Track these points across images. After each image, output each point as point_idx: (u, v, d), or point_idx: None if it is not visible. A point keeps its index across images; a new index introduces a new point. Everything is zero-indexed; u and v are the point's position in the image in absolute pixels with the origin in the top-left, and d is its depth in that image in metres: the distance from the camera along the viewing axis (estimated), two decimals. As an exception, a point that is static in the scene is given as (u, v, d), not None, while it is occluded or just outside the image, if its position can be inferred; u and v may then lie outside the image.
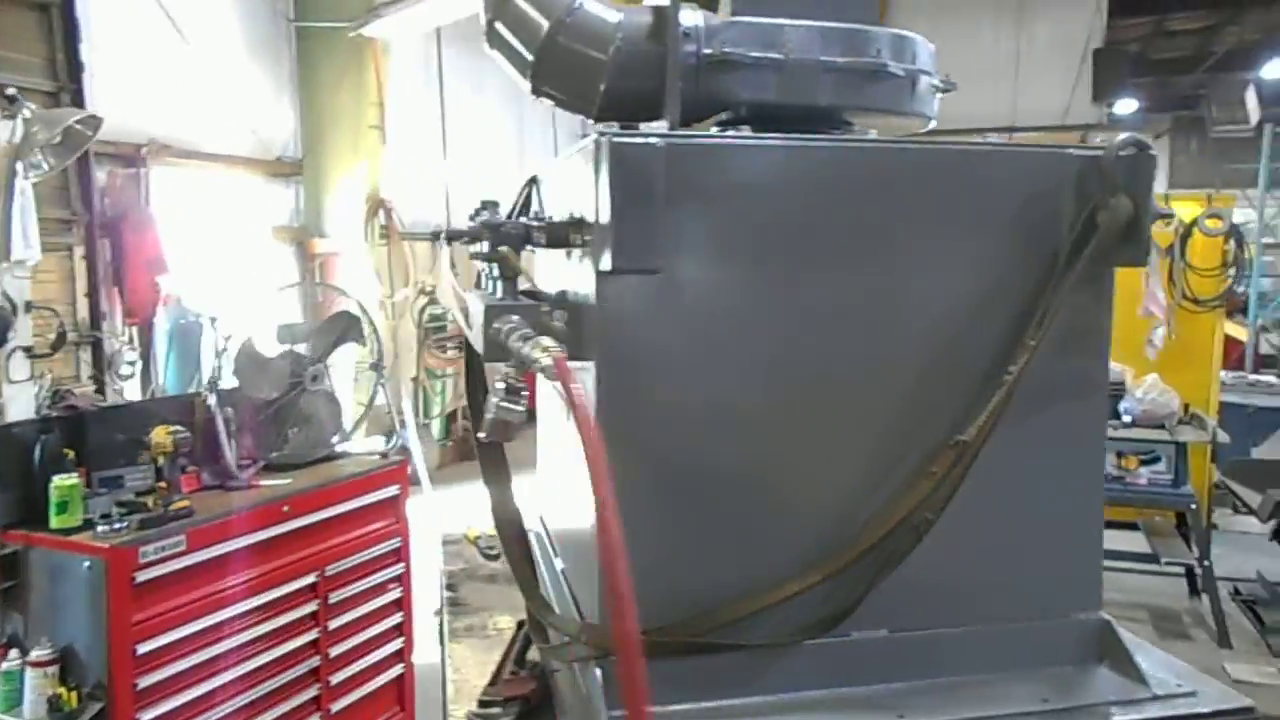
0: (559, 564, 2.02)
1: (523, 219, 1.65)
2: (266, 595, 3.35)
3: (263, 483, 3.48)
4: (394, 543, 3.95)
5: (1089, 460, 1.76)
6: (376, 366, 3.87)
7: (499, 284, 1.67)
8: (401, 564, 4.01)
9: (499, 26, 1.69)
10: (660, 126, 1.68)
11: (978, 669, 1.70)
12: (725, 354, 1.58)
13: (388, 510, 3.93)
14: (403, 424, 4.06)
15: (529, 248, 1.71)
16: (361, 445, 4.07)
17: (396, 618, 4.01)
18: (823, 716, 1.58)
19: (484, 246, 1.72)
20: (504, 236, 1.63)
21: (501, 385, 1.28)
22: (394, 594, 3.98)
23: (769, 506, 1.62)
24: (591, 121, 1.85)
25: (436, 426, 8.59)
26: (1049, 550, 1.74)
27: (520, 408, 1.26)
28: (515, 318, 1.57)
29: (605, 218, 1.46)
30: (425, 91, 9.64)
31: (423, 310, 7.86)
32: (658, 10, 1.64)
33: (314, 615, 3.56)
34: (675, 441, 1.59)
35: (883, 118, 1.79)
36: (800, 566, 1.61)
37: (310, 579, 3.52)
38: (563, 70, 1.67)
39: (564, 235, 1.63)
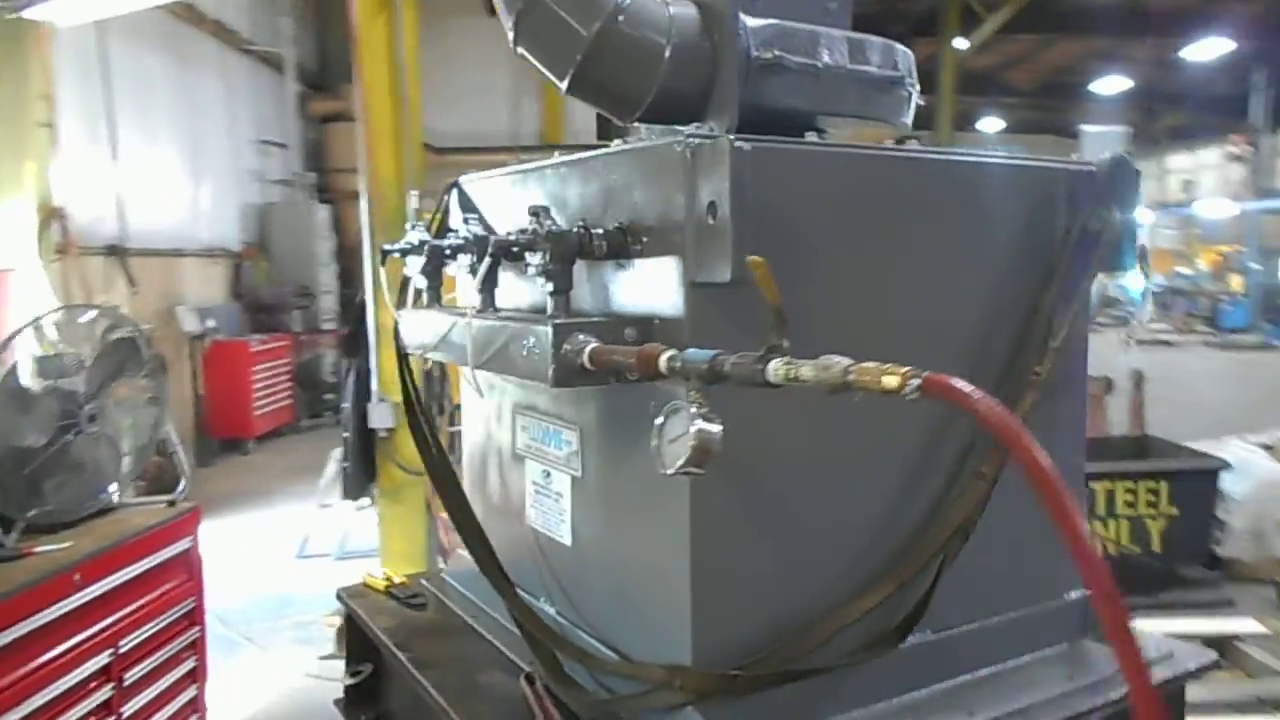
0: (550, 608, 1.84)
1: (569, 228, 1.48)
2: (52, 690, 2.75)
3: (38, 549, 2.85)
4: (188, 604, 3.43)
5: (1075, 449, 1.90)
6: (158, 400, 3.33)
7: (553, 299, 1.50)
8: (196, 628, 3.49)
9: (533, 20, 1.51)
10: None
11: (1005, 657, 1.78)
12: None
13: (180, 567, 3.39)
14: (183, 465, 3.49)
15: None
16: (131, 494, 3.48)
17: (190, 692, 3.48)
18: (903, 726, 1.57)
19: (467, 259, 1.55)
20: (566, 247, 1.45)
21: (694, 409, 1.14)
22: (188, 665, 3.46)
23: (839, 521, 1.59)
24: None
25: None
26: (1047, 537, 1.86)
27: (719, 428, 1.13)
28: (581, 335, 1.42)
29: (718, 225, 1.35)
30: (95, 87, 8.48)
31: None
32: (707, 6, 1.55)
33: (107, 704, 2.98)
34: (759, 463, 1.51)
35: (878, 126, 1.82)
36: (870, 579, 1.59)
37: (104, 659, 2.94)
38: (614, 67, 1.52)
39: (622, 244, 1.49)
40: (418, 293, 1.96)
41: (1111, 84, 23.24)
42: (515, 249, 1.50)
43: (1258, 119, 24.56)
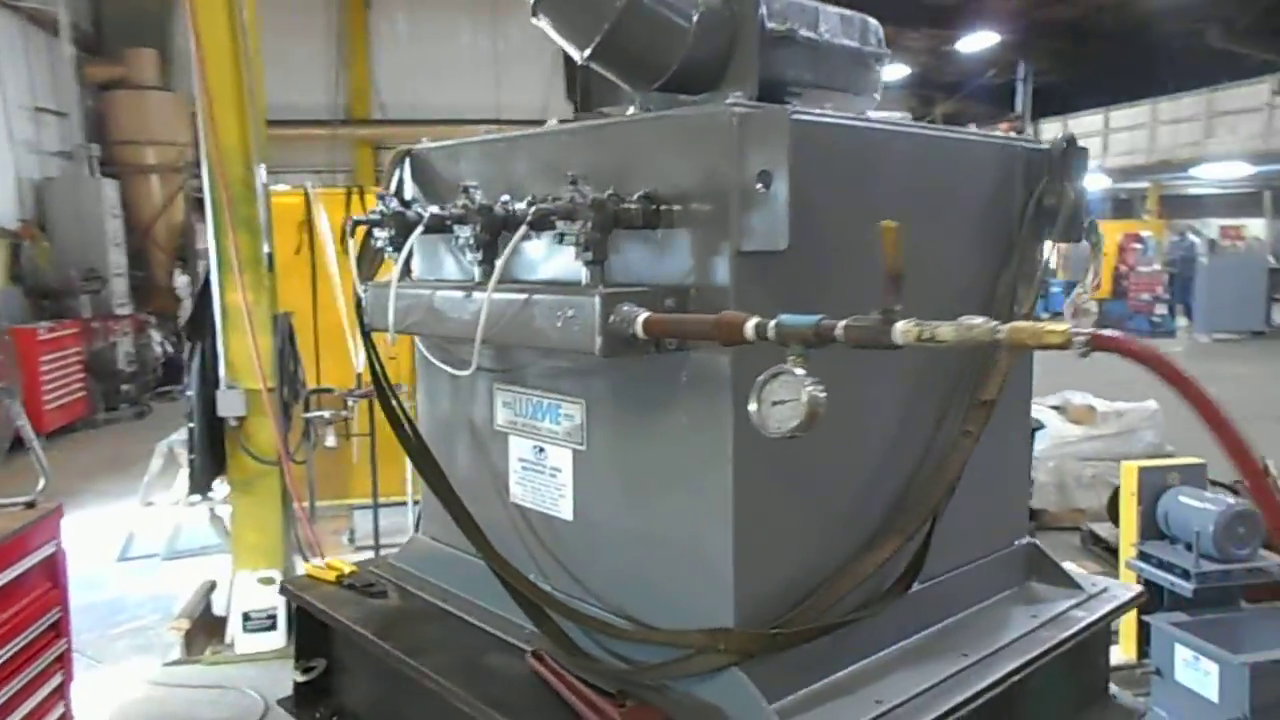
0: (546, 585, 1.81)
1: (597, 196, 1.46)
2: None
3: (-109, 563, 2.52)
4: (53, 615, 3.12)
5: (1024, 409, 2.05)
6: (9, 391, 3.00)
7: (590, 270, 1.47)
8: (63, 641, 3.19)
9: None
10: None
11: (977, 600, 1.91)
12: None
13: (43, 575, 3.08)
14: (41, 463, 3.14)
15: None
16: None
17: (58, 710, 3.18)
18: (909, 671, 1.66)
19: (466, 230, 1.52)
20: (607, 216, 1.43)
21: (801, 373, 1.15)
22: (55, 681, 3.15)
23: (852, 479, 1.66)
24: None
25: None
26: (1006, 490, 2.01)
27: (825, 393, 1.15)
28: (627, 305, 1.41)
29: (773, 194, 1.37)
30: None
31: None
32: (727, -24, 1.57)
33: (-27, 730, 2.68)
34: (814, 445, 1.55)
35: (856, 100, 1.88)
36: (878, 533, 1.67)
37: (-31, 681, 2.64)
38: (642, 35, 1.50)
39: (652, 213, 1.48)
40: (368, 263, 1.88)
41: (892, 71, 24.74)
42: (552, 217, 1.46)
43: (1021, 107, 26.91)
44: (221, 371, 4.93)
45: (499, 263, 1.54)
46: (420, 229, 1.70)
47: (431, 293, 1.76)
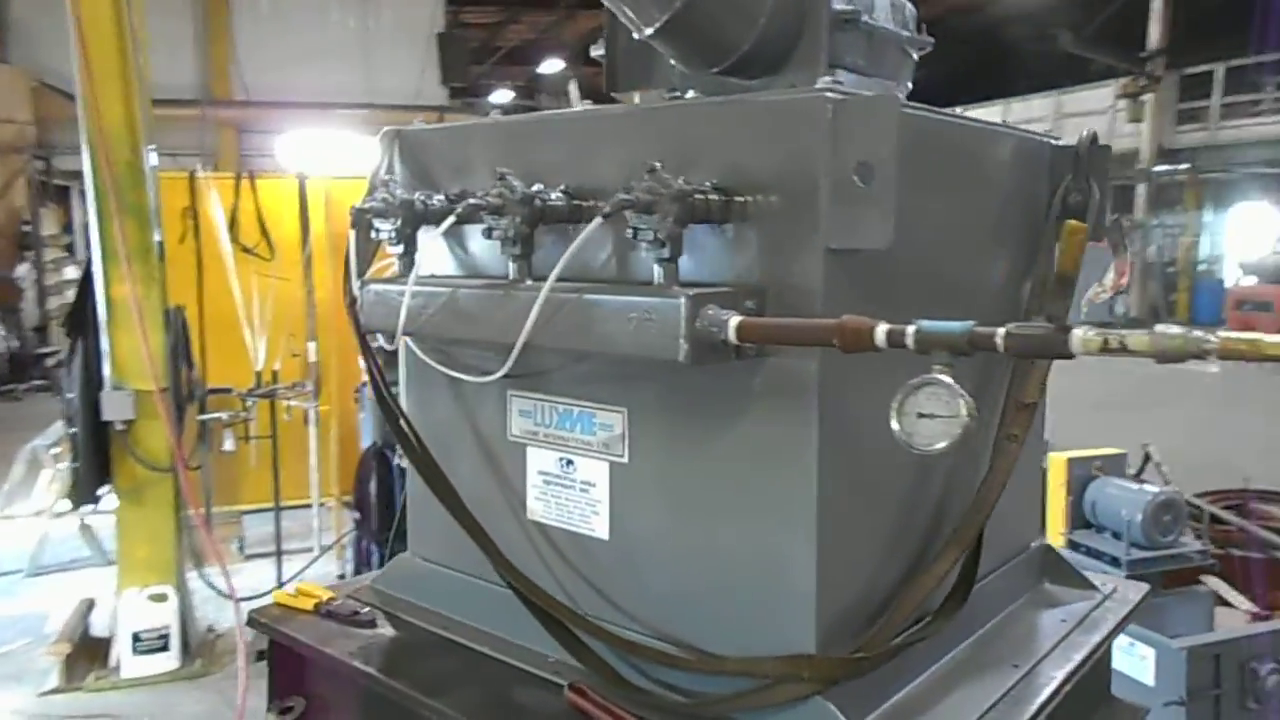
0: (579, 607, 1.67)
1: (673, 187, 1.32)
2: None
3: None
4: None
5: (1042, 409, 2.02)
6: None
7: (663, 268, 1.33)
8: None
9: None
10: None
11: (1004, 606, 1.87)
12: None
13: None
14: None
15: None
16: None
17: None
18: (970, 687, 1.59)
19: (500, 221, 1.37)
20: (689, 209, 1.30)
21: (952, 383, 1.05)
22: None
23: (918, 491, 1.58)
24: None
25: None
26: (1025, 490, 1.98)
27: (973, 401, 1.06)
28: (712, 308, 1.29)
29: (875, 188, 1.27)
30: None
31: None
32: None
33: None
34: (859, 438, 1.45)
35: (895, 89, 1.80)
36: (941, 545, 1.60)
37: None
38: (718, 12, 1.37)
39: (724, 207, 1.36)
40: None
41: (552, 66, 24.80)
42: (630, 209, 1.31)
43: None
44: (106, 371, 4.51)
45: (564, 257, 1.38)
46: (451, 219, 1.51)
47: (453, 291, 1.58)
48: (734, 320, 1.27)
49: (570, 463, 1.66)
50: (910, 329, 1.11)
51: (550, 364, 1.64)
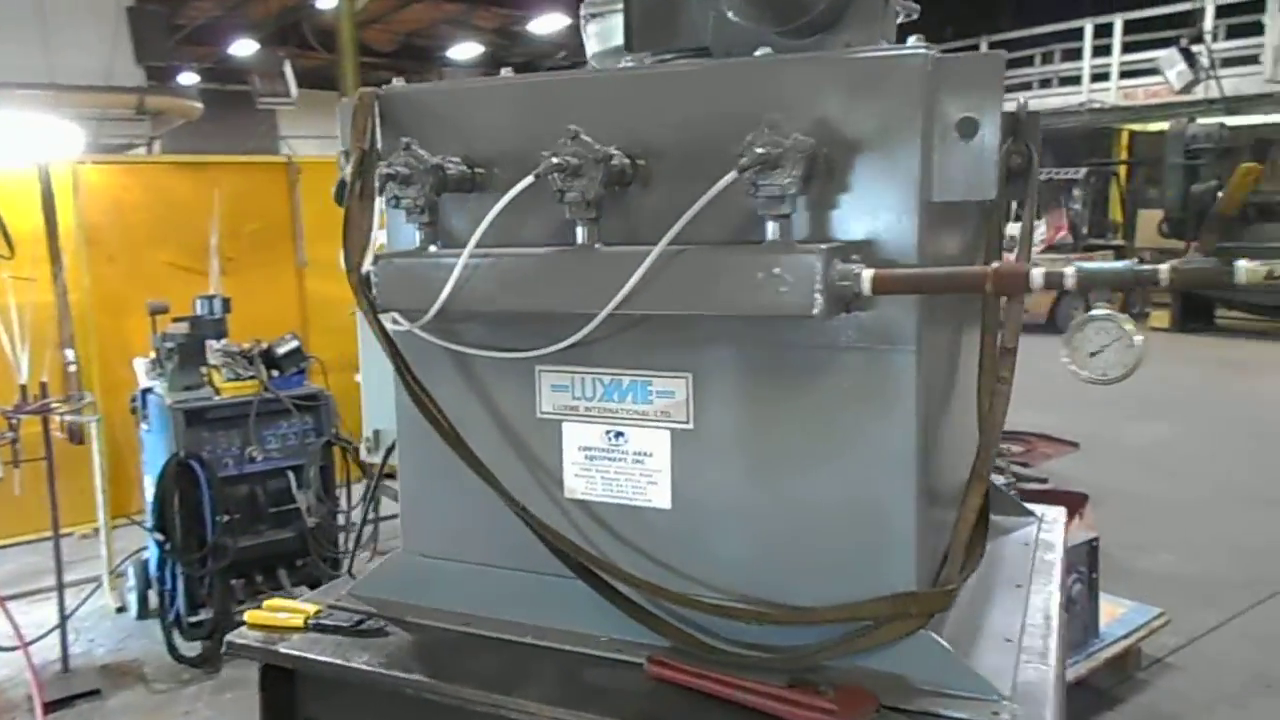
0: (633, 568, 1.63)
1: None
2: None
3: None
4: None
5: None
6: None
7: (778, 224, 1.33)
8: None
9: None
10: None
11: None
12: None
13: None
14: None
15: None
16: None
17: None
18: (996, 605, 1.72)
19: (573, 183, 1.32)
20: (815, 165, 1.30)
21: (1122, 318, 1.14)
22: None
23: (962, 428, 1.68)
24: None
25: None
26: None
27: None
28: (841, 262, 1.32)
29: (978, 143, 1.34)
30: None
31: None
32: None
33: None
34: (938, 383, 1.53)
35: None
36: (969, 481, 1.71)
37: None
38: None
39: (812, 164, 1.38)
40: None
41: (463, 50, 24.69)
42: (763, 166, 1.29)
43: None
44: None
45: (690, 212, 1.32)
46: (529, 180, 1.40)
47: (509, 260, 1.47)
48: (868, 273, 1.29)
49: (620, 435, 1.61)
50: (1069, 270, 1.19)
51: (593, 334, 1.57)
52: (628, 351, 1.57)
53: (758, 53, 1.47)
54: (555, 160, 1.38)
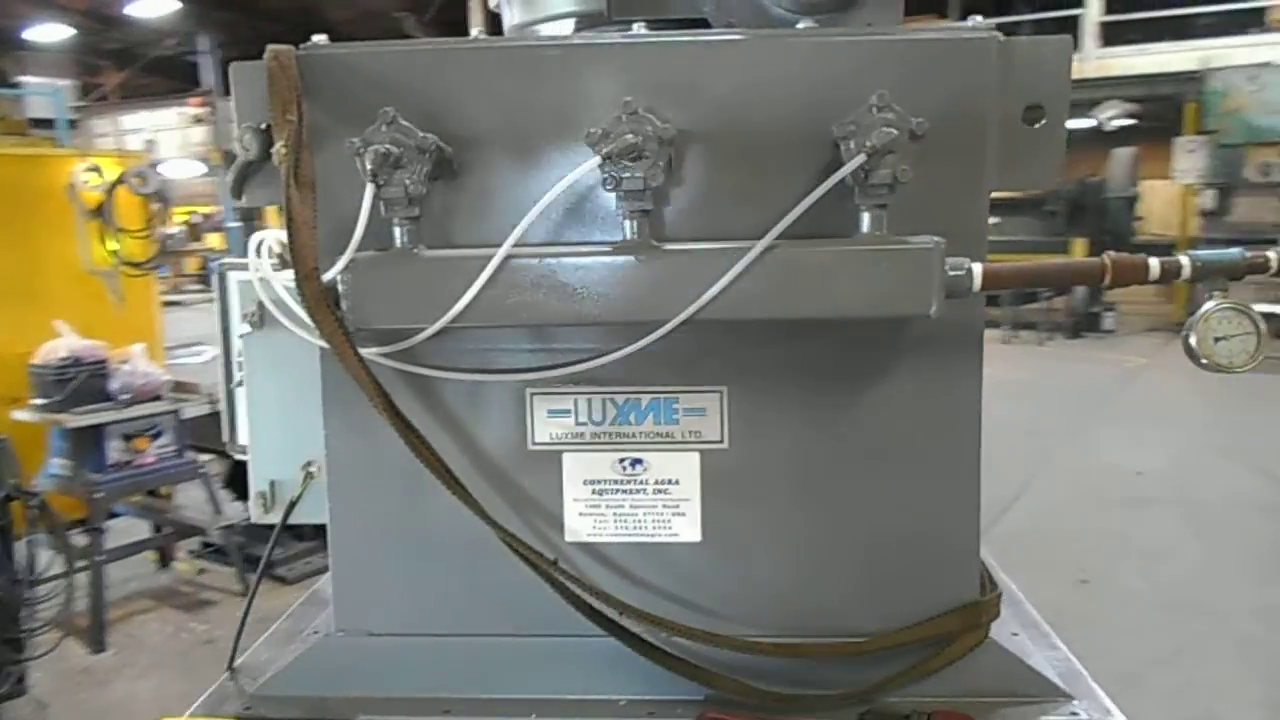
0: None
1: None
2: None
3: None
4: None
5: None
6: None
7: (874, 215, 1.19)
8: None
9: None
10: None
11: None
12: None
13: None
14: None
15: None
16: None
17: None
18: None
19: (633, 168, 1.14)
20: (919, 149, 1.18)
21: (1243, 306, 1.14)
22: None
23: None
24: None
25: None
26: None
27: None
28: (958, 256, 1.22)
29: (1045, 130, 1.29)
30: None
31: None
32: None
33: None
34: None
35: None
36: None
37: None
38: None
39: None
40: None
41: (48, 32, 21.69)
42: (877, 152, 1.13)
43: (211, 82, 25.99)
44: None
45: (806, 203, 1.14)
46: (594, 162, 1.14)
47: (536, 262, 1.20)
48: (977, 266, 1.20)
49: (637, 462, 1.39)
50: (1184, 259, 1.18)
51: (582, 345, 1.33)
52: (647, 366, 1.35)
53: (800, 25, 1.32)
54: (630, 138, 1.13)
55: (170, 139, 28.65)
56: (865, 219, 1.20)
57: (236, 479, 5.82)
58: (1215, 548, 5.95)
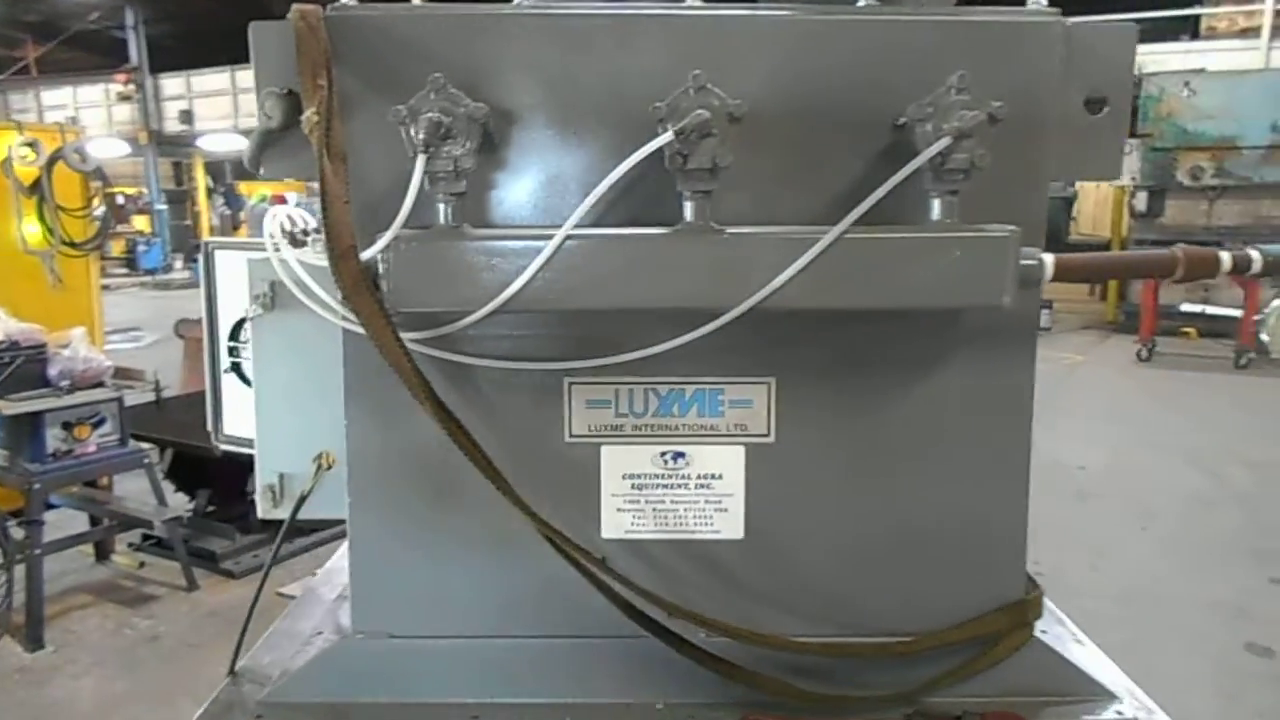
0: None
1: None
2: None
3: None
4: None
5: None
6: None
7: (946, 203, 1.15)
8: None
9: None
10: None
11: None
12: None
13: None
14: None
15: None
16: None
17: None
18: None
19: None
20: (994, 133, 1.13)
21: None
22: None
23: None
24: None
25: None
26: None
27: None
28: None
29: (1107, 120, 1.26)
30: None
31: None
32: None
33: None
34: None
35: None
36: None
37: None
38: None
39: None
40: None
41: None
42: (960, 135, 1.08)
43: (138, 58, 25.14)
44: None
45: (884, 188, 1.08)
46: (666, 137, 1.07)
47: (591, 242, 1.13)
48: (1049, 257, 1.16)
49: (680, 456, 1.33)
50: (1254, 253, 1.16)
51: (626, 335, 1.27)
52: (692, 355, 1.29)
53: (859, 2, 1.27)
54: (703, 114, 1.07)
55: (94, 116, 27.61)
56: (936, 206, 1.16)
57: (180, 469, 5.62)
58: (1161, 541, 6.10)
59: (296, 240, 1.33)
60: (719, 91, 1.12)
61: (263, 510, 1.45)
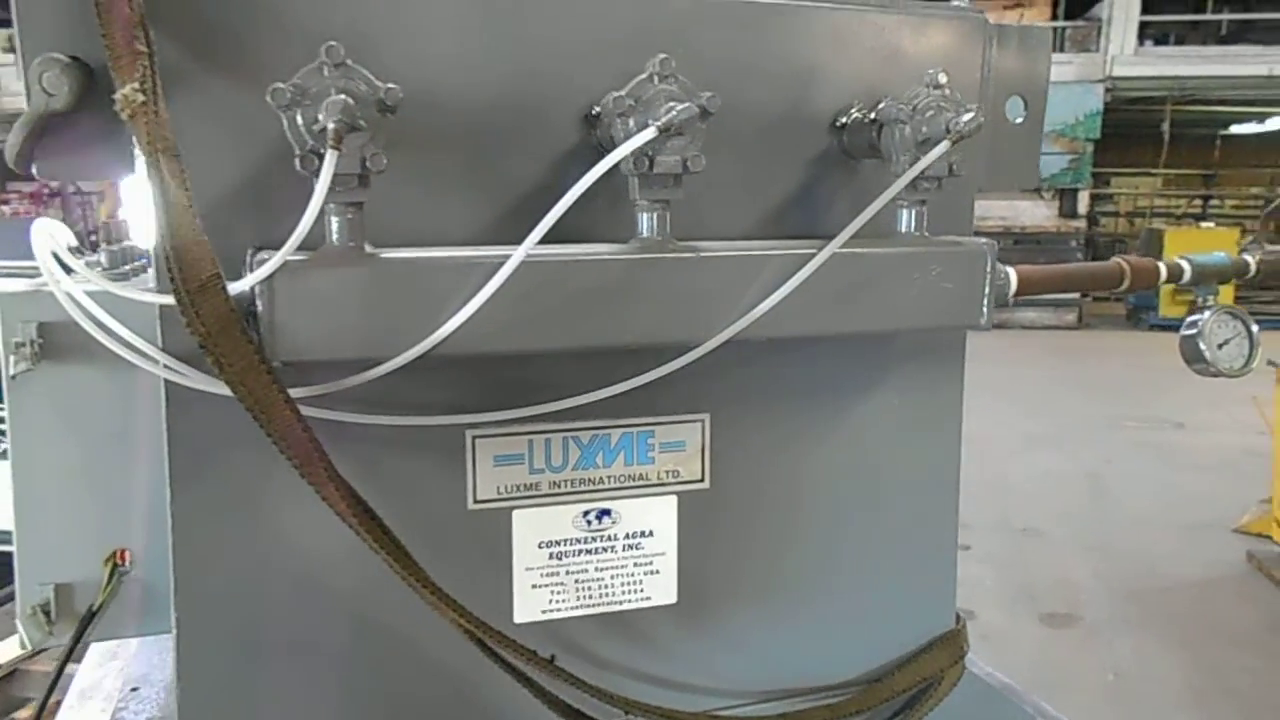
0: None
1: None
2: None
3: None
4: None
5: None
6: None
7: (917, 213, 1.04)
8: None
9: None
10: None
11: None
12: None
13: None
14: None
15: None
16: None
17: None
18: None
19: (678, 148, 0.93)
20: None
21: (1235, 311, 1.14)
22: None
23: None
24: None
25: None
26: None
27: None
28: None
29: (1027, 124, 1.22)
30: None
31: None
32: None
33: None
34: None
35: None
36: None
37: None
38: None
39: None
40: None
41: None
42: (962, 138, 0.95)
43: None
44: None
45: (882, 199, 0.93)
46: (650, 130, 0.85)
47: (556, 264, 0.89)
48: (1013, 271, 1.09)
49: (606, 514, 1.12)
50: (1185, 263, 1.16)
51: (539, 377, 1.05)
52: (619, 394, 1.08)
53: (793, -10, 1.12)
54: (690, 106, 0.87)
55: None
56: (904, 216, 1.04)
57: None
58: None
59: (69, 269, 0.97)
60: (685, 80, 0.93)
61: (32, 639, 1.05)
